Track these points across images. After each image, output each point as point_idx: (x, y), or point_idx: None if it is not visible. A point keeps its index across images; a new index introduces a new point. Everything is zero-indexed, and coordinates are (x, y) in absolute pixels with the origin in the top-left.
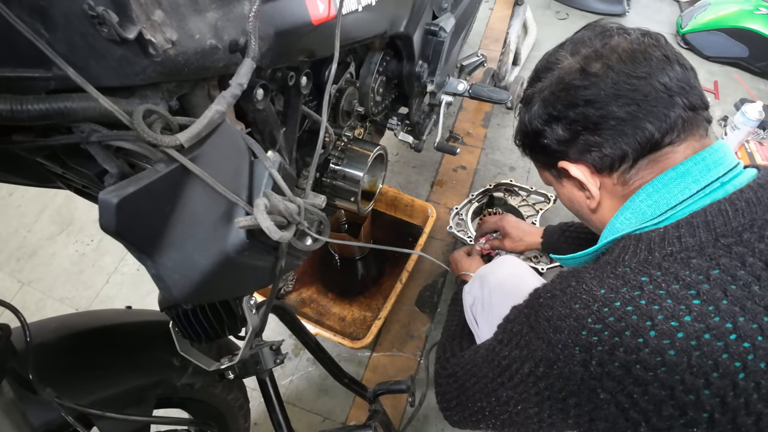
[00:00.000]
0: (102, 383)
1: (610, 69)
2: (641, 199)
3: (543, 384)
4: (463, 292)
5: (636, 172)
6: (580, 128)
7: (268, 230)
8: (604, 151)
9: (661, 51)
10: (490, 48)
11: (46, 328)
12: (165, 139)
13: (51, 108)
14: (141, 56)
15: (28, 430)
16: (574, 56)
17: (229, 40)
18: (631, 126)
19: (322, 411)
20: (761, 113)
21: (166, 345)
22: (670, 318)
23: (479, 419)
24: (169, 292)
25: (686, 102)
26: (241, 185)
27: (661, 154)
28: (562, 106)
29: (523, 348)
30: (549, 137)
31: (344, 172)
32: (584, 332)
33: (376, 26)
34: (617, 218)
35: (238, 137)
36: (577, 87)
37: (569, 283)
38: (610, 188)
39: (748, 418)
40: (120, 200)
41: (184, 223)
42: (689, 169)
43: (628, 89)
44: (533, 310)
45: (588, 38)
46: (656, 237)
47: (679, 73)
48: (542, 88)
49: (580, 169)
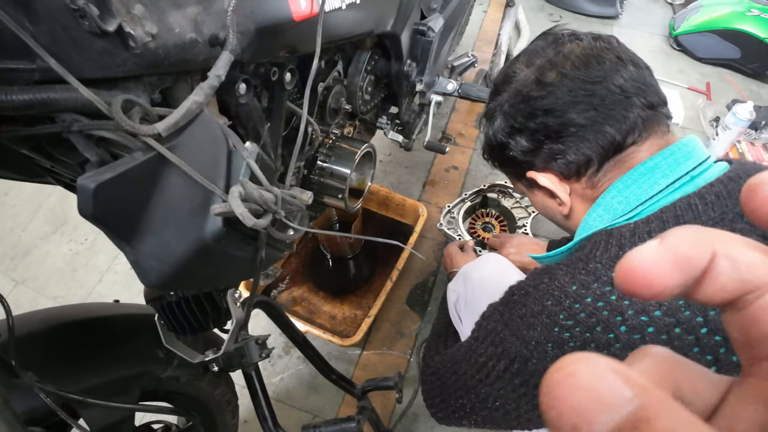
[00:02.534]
0: (86, 373)
1: (565, 77)
2: (612, 195)
3: (518, 381)
4: (448, 290)
5: (603, 174)
6: (542, 138)
7: (242, 216)
8: (568, 158)
9: (613, 53)
10: (484, 50)
11: (33, 319)
12: (143, 128)
13: (35, 98)
14: (121, 48)
15: (10, 414)
16: (529, 67)
17: (209, 34)
18: (592, 131)
19: (312, 408)
20: (752, 113)
21: (152, 337)
22: (641, 313)
23: (462, 416)
24: (147, 277)
25: (644, 101)
26: (219, 175)
27: (626, 155)
28: (523, 118)
29: (498, 345)
30: (514, 149)
31: (332, 169)
32: (556, 329)
33: (361, 25)
34: (590, 215)
35: (216, 128)
36: (535, 98)
37: (542, 280)
38: (580, 192)
39: None
40: (97, 185)
41: (161, 211)
42: (658, 164)
43: (584, 95)
44: (507, 307)
45: (541, 48)
46: (626, 232)
47: (633, 73)
48: (502, 102)
49: (548, 177)
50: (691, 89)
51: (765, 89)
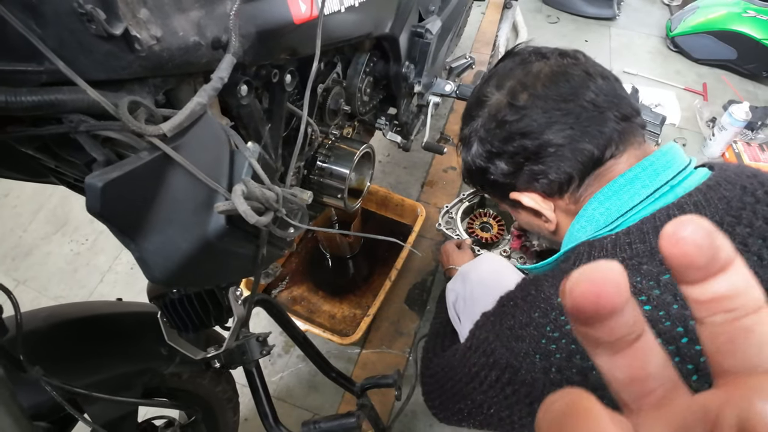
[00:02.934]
0: (90, 369)
1: (537, 97)
2: (594, 207)
3: (509, 390)
4: (446, 289)
5: (585, 189)
6: (521, 160)
7: (245, 214)
8: (550, 177)
9: (581, 68)
10: (482, 51)
11: (37, 317)
12: (149, 129)
13: (43, 99)
14: (127, 51)
15: (16, 409)
16: (500, 90)
17: (212, 37)
18: (570, 149)
19: (312, 407)
20: (748, 114)
21: (154, 334)
22: None
23: (461, 418)
24: (152, 274)
25: (617, 114)
26: (222, 174)
27: (605, 169)
28: (499, 142)
29: (489, 356)
30: (494, 173)
31: (331, 169)
32: (543, 341)
33: (359, 27)
34: (574, 227)
35: (219, 128)
36: (510, 121)
37: (529, 292)
38: (564, 208)
39: None
40: (105, 184)
41: (166, 209)
42: (637, 175)
43: (559, 115)
44: (498, 317)
45: (509, 69)
46: (608, 244)
47: (603, 86)
48: (477, 128)
49: (531, 197)
50: (688, 90)
51: (761, 90)
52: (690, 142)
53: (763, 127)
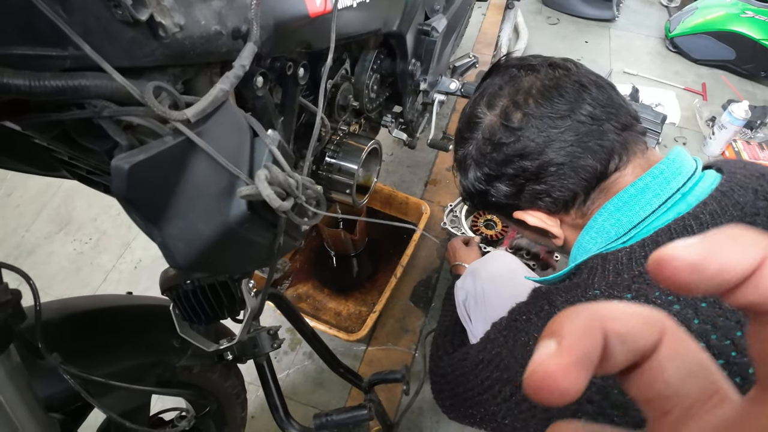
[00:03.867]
0: (103, 360)
1: (532, 117)
2: (603, 218)
3: (525, 405)
4: (455, 288)
5: (591, 202)
6: (522, 181)
7: (269, 198)
8: (553, 196)
9: (573, 79)
10: (483, 52)
11: (48, 309)
12: (173, 114)
13: (66, 85)
14: (151, 38)
15: (32, 398)
16: (492, 110)
17: (232, 27)
18: (571, 167)
19: (318, 404)
20: (747, 112)
21: (167, 327)
22: None
23: (472, 422)
24: (174, 259)
25: (616, 125)
26: (243, 161)
27: (611, 182)
28: (497, 165)
29: (504, 371)
30: (495, 195)
31: (339, 165)
32: None
33: (369, 23)
34: (583, 238)
35: (240, 116)
36: (506, 144)
37: (543, 307)
38: (571, 223)
39: None
40: (131, 166)
41: (188, 194)
42: (648, 185)
43: (556, 133)
44: (511, 332)
45: (499, 87)
46: (623, 257)
47: (599, 97)
48: (472, 152)
49: (536, 215)
50: (688, 90)
51: (760, 90)
52: (690, 141)
53: (762, 126)
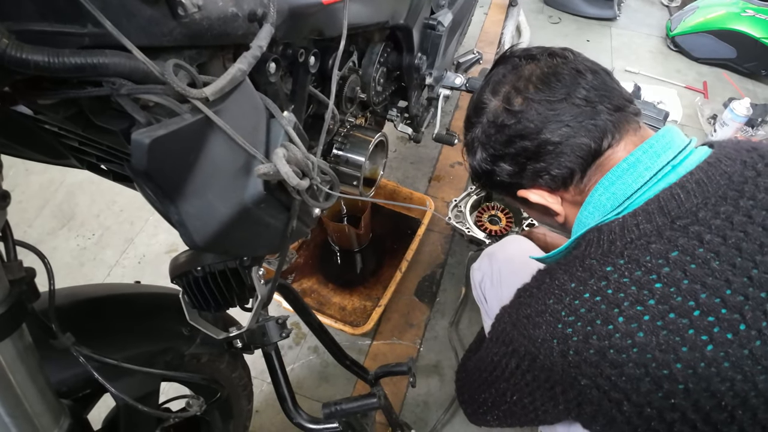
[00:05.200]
0: (113, 345)
1: (531, 101)
2: (599, 193)
3: (530, 376)
4: (472, 270)
5: (588, 179)
6: (524, 160)
7: (287, 175)
8: (552, 173)
9: (570, 66)
10: (486, 50)
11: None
12: (192, 91)
13: (85, 62)
14: (169, 17)
15: (42, 379)
16: (496, 96)
17: (249, 9)
18: (568, 145)
19: (323, 398)
20: (749, 109)
21: (176, 315)
22: (636, 303)
23: (486, 410)
24: (191, 237)
25: (609, 106)
26: (259, 141)
27: (605, 158)
28: (501, 145)
29: (509, 345)
30: (500, 174)
31: (347, 156)
32: (560, 325)
33: (378, 14)
34: (582, 214)
35: (257, 97)
36: (508, 125)
37: (544, 280)
38: (571, 200)
39: (722, 385)
40: (152, 141)
41: (206, 173)
42: (639, 159)
43: (553, 115)
44: (515, 308)
45: (503, 75)
46: (616, 227)
47: (593, 81)
48: (478, 134)
49: (538, 193)
50: (689, 88)
51: (761, 88)
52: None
53: (763, 124)
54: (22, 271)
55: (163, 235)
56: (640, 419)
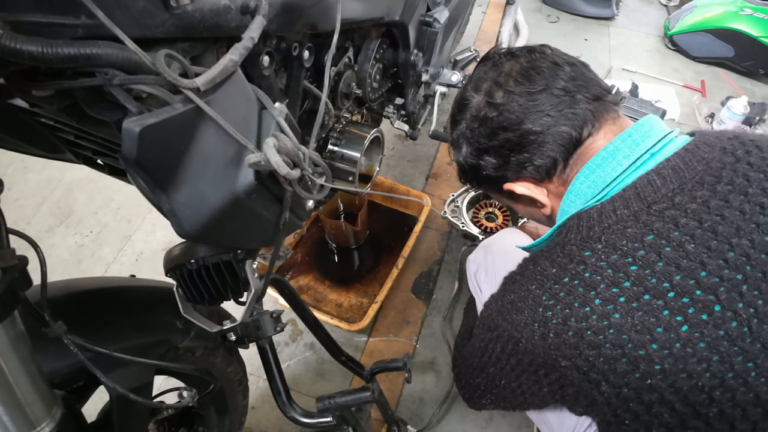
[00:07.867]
0: (106, 336)
1: (512, 93)
2: (580, 181)
3: (514, 360)
4: (467, 261)
5: (570, 169)
6: (507, 151)
7: (277, 164)
8: (536, 164)
9: (548, 60)
10: (483, 49)
11: (54, 287)
12: (184, 81)
13: (79, 52)
14: (162, 9)
15: (34, 368)
16: (478, 92)
17: (241, 1)
18: (549, 134)
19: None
20: (746, 108)
21: (170, 309)
22: (611, 285)
23: (480, 394)
24: (181, 226)
25: (588, 95)
26: (251, 131)
27: (585, 148)
28: (485, 139)
29: (494, 330)
30: (485, 168)
31: (342, 152)
32: (540, 309)
33: (372, 10)
34: (564, 202)
35: (248, 88)
36: (490, 118)
37: (527, 267)
38: (555, 191)
39: (698, 365)
40: (142, 129)
41: (197, 162)
42: (618, 147)
43: (533, 105)
44: (501, 295)
45: (484, 73)
46: (594, 213)
47: (571, 73)
48: (463, 130)
49: (524, 185)
50: (687, 87)
51: (758, 87)
52: None
53: (760, 123)
54: (15, 259)
55: (161, 232)
56: (619, 400)
